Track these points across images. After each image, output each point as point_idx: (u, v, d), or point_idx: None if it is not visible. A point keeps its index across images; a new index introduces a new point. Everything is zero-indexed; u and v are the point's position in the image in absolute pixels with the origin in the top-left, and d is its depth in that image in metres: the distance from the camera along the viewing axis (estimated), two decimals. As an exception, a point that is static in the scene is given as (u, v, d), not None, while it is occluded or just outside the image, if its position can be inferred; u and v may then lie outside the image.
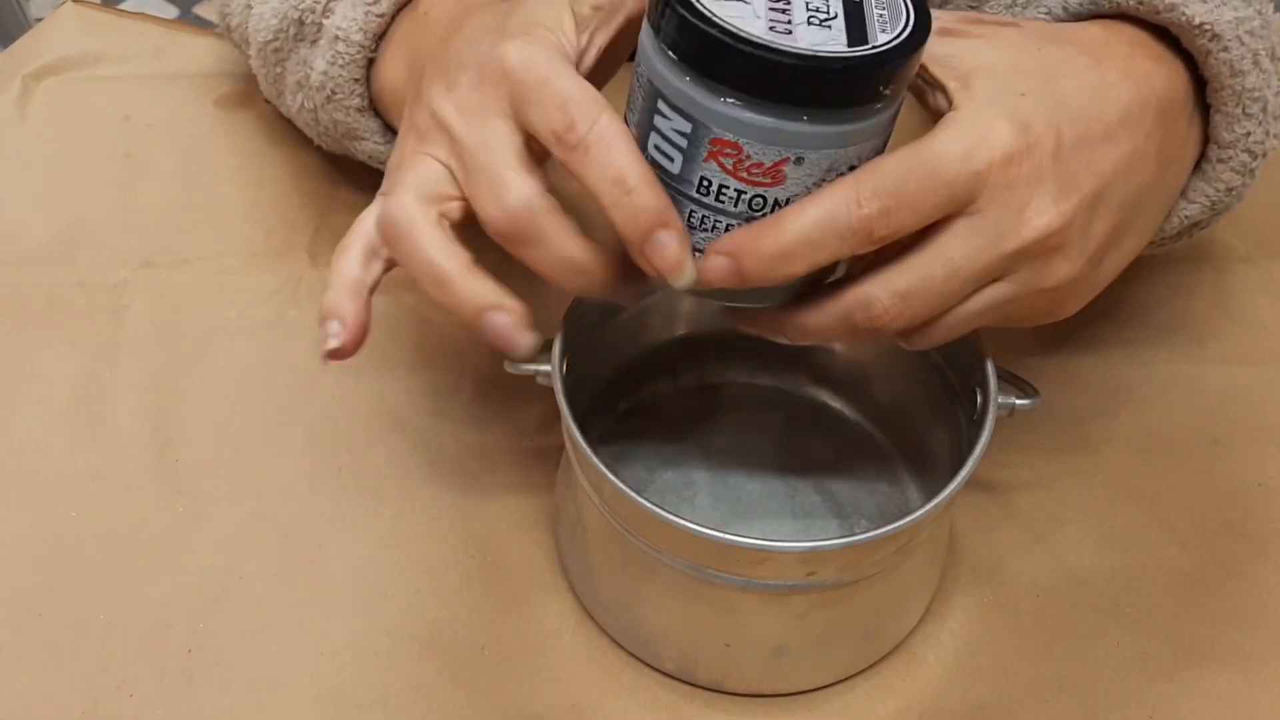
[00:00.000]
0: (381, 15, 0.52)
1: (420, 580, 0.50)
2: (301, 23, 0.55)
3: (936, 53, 0.39)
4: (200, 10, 1.75)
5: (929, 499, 0.41)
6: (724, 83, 0.35)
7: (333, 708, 0.47)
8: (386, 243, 0.40)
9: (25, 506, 0.52)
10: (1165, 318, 0.61)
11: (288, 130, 0.67)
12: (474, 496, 0.53)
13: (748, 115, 0.35)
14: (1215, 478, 0.55)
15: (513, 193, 0.37)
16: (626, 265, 0.38)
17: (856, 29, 0.35)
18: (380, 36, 0.53)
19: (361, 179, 0.65)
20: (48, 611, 0.49)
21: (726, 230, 0.37)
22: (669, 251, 0.36)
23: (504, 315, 0.38)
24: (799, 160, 0.36)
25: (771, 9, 0.35)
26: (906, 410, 0.53)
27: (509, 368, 0.47)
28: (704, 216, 0.37)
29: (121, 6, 0.81)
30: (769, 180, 0.36)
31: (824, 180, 0.37)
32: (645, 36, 0.37)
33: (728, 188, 0.37)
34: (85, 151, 0.67)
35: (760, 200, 0.37)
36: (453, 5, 0.51)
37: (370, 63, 0.53)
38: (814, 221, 0.36)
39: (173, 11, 1.75)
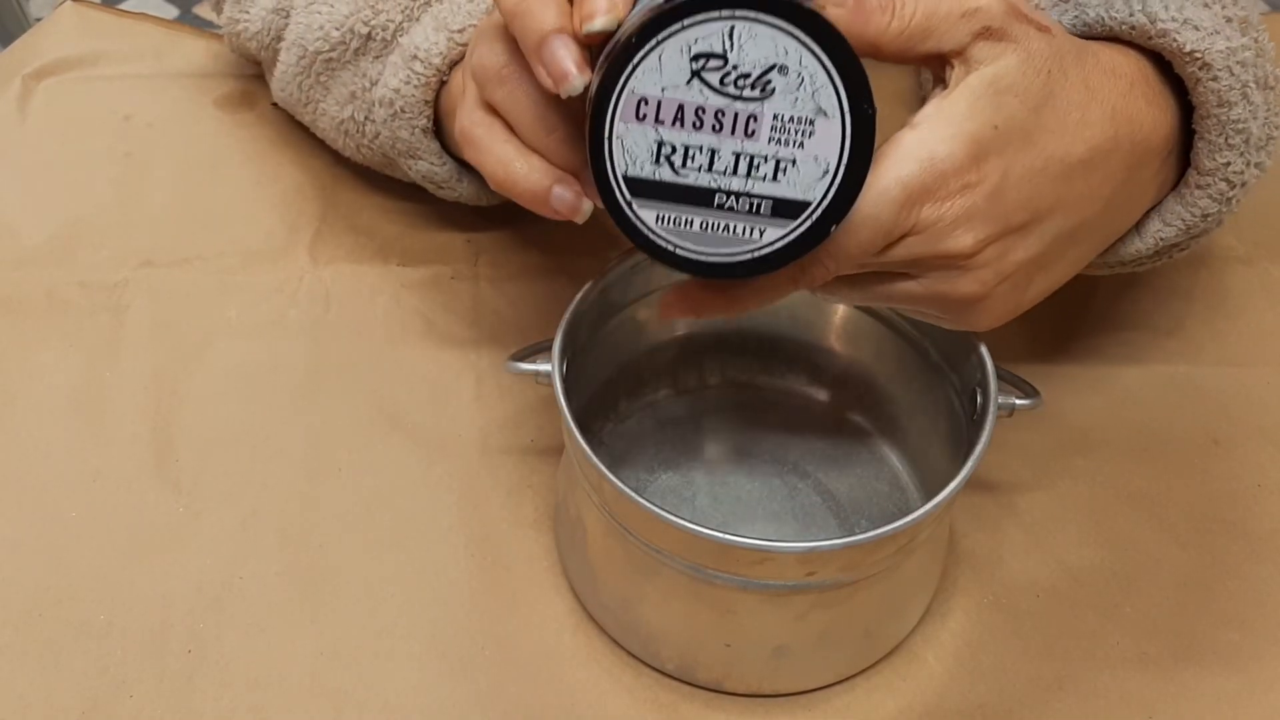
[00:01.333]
0: (464, 45, 0.53)
1: (420, 580, 0.50)
2: (369, 37, 0.56)
3: (970, 52, 0.39)
4: (200, 10, 1.75)
5: (929, 499, 0.41)
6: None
7: (333, 707, 0.47)
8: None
9: (25, 506, 0.52)
10: (1164, 319, 0.61)
11: (288, 131, 0.67)
12: (474, 496, 0.53)
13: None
14: (1215, 478, 0.55)
15: None
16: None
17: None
18: (456, 63, 0.54)
19: (362, 180, 0.65)
20: (48, 611, 0.49)
21: None
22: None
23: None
24: None
25: (707, 150, 0.35)
26: (906, 410, 0.53)
27: (509, 368, 0.47)
28: None
29: (121, 6, 0.81)
30: None
31: None
32: None
33: None
34: (85, 151, 0.67)
35: None
36: None
37: (442, 84, 0.54)
38: (765, 284, 0.39)
39: (173, 11, 1.75)
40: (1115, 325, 0.60)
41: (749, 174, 0.35)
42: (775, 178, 0.35)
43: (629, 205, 0.35)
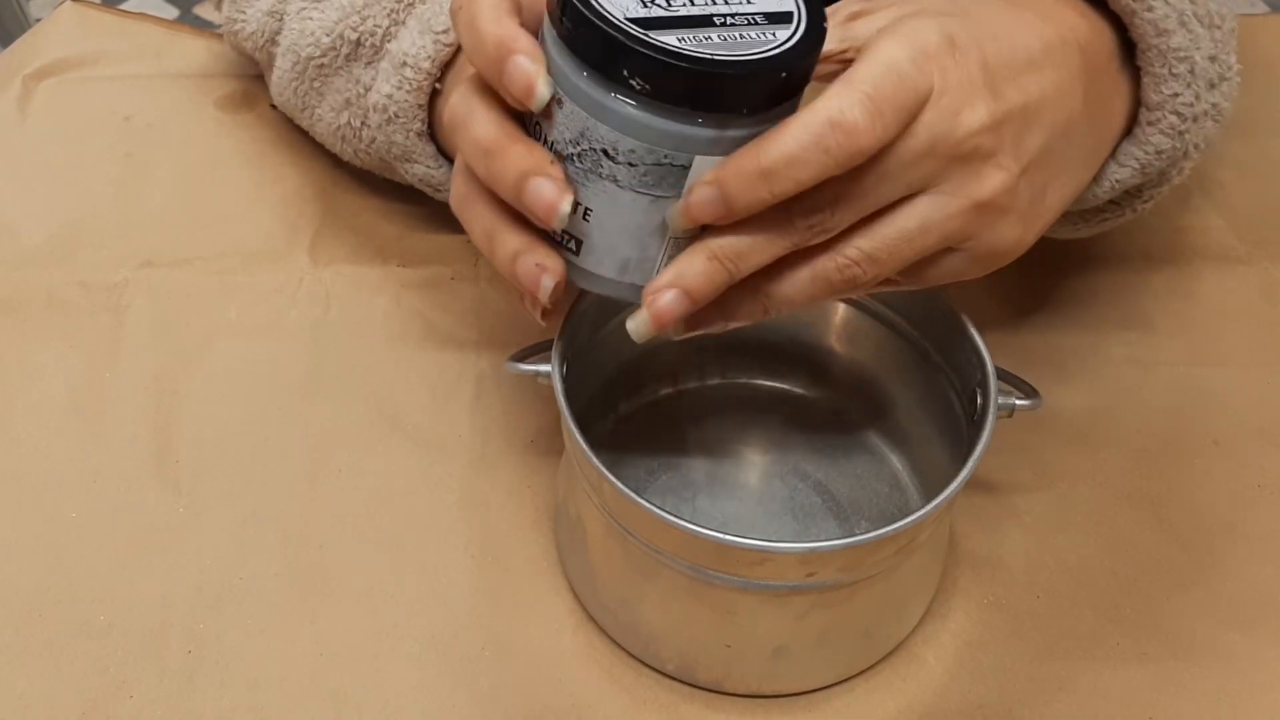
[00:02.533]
0: (450, 45, 0.53)
1: (420, 580, 0.50)
2: (359, 44, 0.56)
3: (852, 33, 0.40)
4: (200, 11, 1.75)
5: (929, 499, 0.41)
6: (619, 82, 0.36)
7: (333, 708, 0.47)
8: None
9: (25, 506, 0.52)
10: (1165, 319, 0.61)
11: (289, 131, 0.67)
12: (474, 496, 0.53)
13: (642, 115, 0.36)
14: (1215, 478, 0.55)
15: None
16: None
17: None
18: (447, 65, 0.53)
19: (362, 181, 0.65)
20: (48, 611, 0.49)
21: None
22: (519, 74, 0.36)
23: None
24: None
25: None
26: (907, 410, 0.53)
27: (509, 368, 0.47)
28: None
29: (122, 6, 0.81)
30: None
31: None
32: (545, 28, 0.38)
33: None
34: (85, 151, 0.67)
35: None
36: None
37: (434, 90, 0.54)
38: (799, 141, 0.36)
39: (173, 12, 1.75)
40: (1115, 325, 0.60)
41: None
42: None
43: (648, 35, 0.35)
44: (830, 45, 0.39)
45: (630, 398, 0.56)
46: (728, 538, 0.40)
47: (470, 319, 0.59)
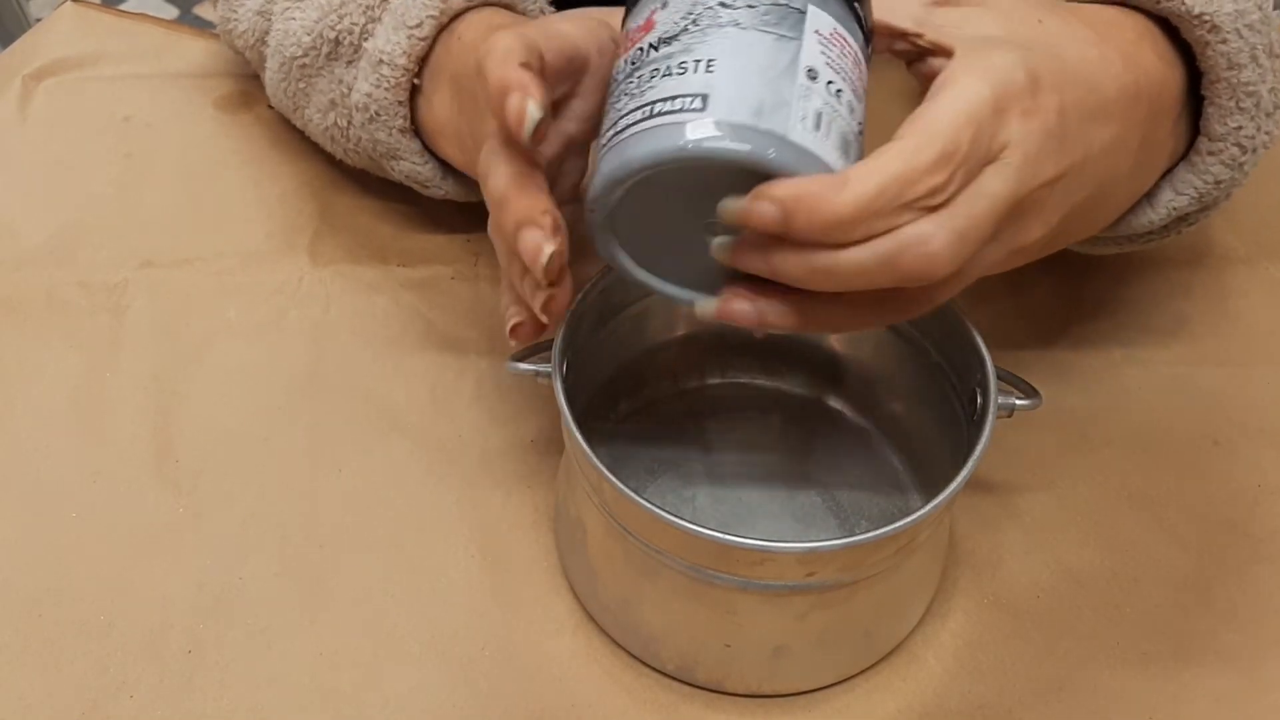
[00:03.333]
0: (424, 39, 0.53)
1: (420, 580, 0.50)
2: (338, 43, 0.56)
3: (932, 21, 0.39)
4: (200, 11, 1.75)
5: (929, 500, 0.41)
6: None
7: (333, 708, 0.47)
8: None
9: (25, 506, 0.52)
10: (1165, 319, 0.61)
11: (288, 132, 0.67)
12: (474, 496, 0.53)
13: None
14: (1215, 478, 0.55)
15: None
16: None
17: None
18: (423, 60, 0.53)
19: (361, 181, 0.65)
20: (48, 611, 0.49)
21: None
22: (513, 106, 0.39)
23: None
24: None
25: None
26: (907, 411, 0.53)
27: (509, 368, 0.47)
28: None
29: (121, 7, 0.81)
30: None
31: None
32: None
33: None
34: (85, 151, 0.67)
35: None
36: (482, 28, 0.52)
37: (415, 86, 0.54)
38: (880, 192, 0.35)
39: (173, 12, 1.75)
40: (1116, 325, 0.60)
41: None
42: None
43: None
44: (905, 23, 0.39)
45: (630, 398, 0.56)
46: (728, 538, 0.40)
47: (470, 319, 0.59)
